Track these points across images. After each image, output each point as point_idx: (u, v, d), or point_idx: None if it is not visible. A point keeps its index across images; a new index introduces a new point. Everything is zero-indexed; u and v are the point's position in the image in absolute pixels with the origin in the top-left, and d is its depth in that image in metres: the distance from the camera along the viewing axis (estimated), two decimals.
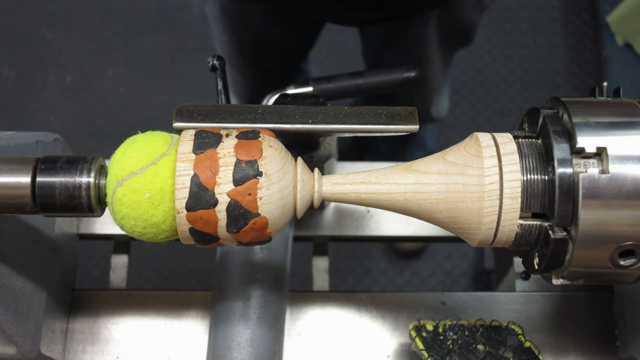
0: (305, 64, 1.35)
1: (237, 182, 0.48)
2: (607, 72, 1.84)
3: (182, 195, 0.48)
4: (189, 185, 0.47)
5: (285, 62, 1.20)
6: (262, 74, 1.16)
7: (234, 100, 1.26)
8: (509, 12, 2.00)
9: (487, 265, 1.59)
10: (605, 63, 1.85)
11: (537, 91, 1.91)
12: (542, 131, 0.49)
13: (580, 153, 0.46)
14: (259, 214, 0.48)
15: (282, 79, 1.21)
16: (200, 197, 0.48)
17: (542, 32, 1.99)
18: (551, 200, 0.47)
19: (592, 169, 0.46)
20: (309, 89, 0.73)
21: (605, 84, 0.55)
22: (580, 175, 0.46)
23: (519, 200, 0.48)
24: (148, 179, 0.48)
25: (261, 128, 0.54)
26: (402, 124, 0.57)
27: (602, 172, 0.46)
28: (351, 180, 0.51)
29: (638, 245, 0.47)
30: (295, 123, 0.57)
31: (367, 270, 1.69)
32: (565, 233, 0.48)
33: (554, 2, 2.03)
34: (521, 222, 0.49)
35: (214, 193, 0.48)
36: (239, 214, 0.48)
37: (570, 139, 0.47)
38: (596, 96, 0.54)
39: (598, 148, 0.46)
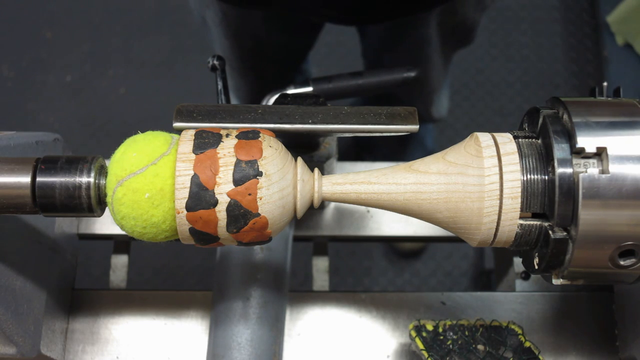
0: (305, 65, 1.35)
1: (237, 182, 0.48)
2: (607, 72, 1.84)
3: (182, 195, 0.48)
4: (188, 185, 0.47)
5: (286, 64, 1.20)
6: (263, 76, 1.16)
7: (235, 103, 1.26)
8: (509, 12, 2.00)
9: (487, 265, 1.59)
10: (605, 63, 1.85)
11: (537, 91, 1.91)
12: (542, 131, 0.49)
13: (580, 153, 0.46)
14: (259, 214, 0.48)
15: (282, 80, 1.22)
16: (200, 197, 0.47)
17: (542, 32, 1.99)
18: (551, 200, 0.47)
19: (592, 169, 0.46)
20: (309, 89, 0.73)
21: (605, 84, 0.55)
22: (580, 175, 0.46)
23: (519, 200, 0.48)
24: (148, 179, 0.48)
25: (261, 128, 0.54)
26: (402, 124, 0.57)
27: (602, 172, 0.46)
28: (351, 180, 0.51)
29: (638, 245, 0.47)
30: (295, 123, 0.57)
31: (367, 270, 1.69)
32: (565, 233, 0.48)
33: (554, 2, 2.03)
34: (521, 222, 0.49)
35: (214, 193, 0.48)
36: (239, 214, 0.48)
37: (570, 139, 0.47)
38: (596, 96, 0.54)
39: (598, 148, 0.46)
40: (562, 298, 0.76)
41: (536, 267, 0.51)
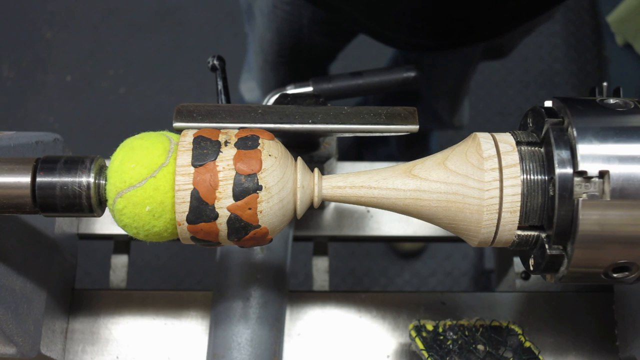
0: (331, 65, 1.37)
1: (236, 197, 0.47)
2: (607, 72, 1.84)
3: (183, 209, 0.47)
4: (188, 199, 0.47)
5: (318, 63, 1.22)
6: (294, 72, 1.18)
7: (261, 98, 1.28)
8: None
9: (487, 265, 1.59)
10: (605, 63, 1.85)
11: (537, 91, 1.91)
12: (545, 141, 0.49)
13: (582, 174, 0.46)
14: (259, 225, 0.49)
15: (310, 77, 1.24)
16: (201, 211, 0.47)
17: (542, 32, 1.98)
18: (550, 218, 0.47)
19: (593, 191, 0.46)
20: (309, 88, 0.73)
21: (605, 84, 0.55)
22: (581, 198, 0.45)
23: (518, 214, 0.48)
24: (148, 192, 0.48)
25: (261, 129, 0.54)
26: (402, 124, 0.57)
27: (603, 194, 0.45)
28: (351, 184, 0.51)
29: (632, 262, 0.47)
30: (295, 123, 0.57)
31: (367, 270, 1.69)
32: (561, 248, 0.48)
33: None
34: (519, 232, 0.49)
35: (214, 207, 0.47)
36: (240, 227, 0.48)
37: (574, 157, 0.46)
38: (596, 95, 0.54)
39: (601, 172, 0.46)
40: (562, 298, 0.76)
41: (531, 268, 0.51)
